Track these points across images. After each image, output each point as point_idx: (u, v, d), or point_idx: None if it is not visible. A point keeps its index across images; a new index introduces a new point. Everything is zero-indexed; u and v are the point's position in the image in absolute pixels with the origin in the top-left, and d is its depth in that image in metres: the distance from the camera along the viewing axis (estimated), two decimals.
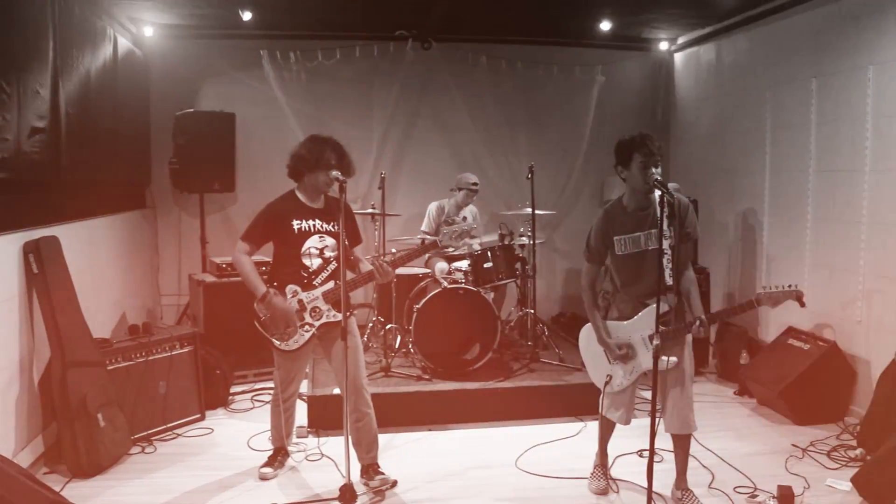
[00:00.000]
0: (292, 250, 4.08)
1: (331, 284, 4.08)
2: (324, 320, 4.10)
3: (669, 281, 3.67)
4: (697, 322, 3.64)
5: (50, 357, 4.39)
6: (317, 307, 4.09)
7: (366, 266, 4.17)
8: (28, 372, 4.33)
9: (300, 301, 4.07)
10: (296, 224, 4.08)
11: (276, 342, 4.08)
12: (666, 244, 3.58)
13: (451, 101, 7.61)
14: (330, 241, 4.12)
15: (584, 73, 7.75)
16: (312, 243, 4.09)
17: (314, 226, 4.12)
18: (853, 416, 5.14)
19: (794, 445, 4.75)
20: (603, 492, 4.14)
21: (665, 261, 3.59)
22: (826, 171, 5.53)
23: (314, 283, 4.09)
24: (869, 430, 4.60)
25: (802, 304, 3.67)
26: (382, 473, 4.17)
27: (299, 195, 4.17)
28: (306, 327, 4.08)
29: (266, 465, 4.38)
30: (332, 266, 4.10)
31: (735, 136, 6.81)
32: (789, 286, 3.64)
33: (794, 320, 5.72)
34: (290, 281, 4.08)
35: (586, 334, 4.09)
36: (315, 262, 4.09)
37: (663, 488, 4.05)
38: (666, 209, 3.44)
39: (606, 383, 3.96)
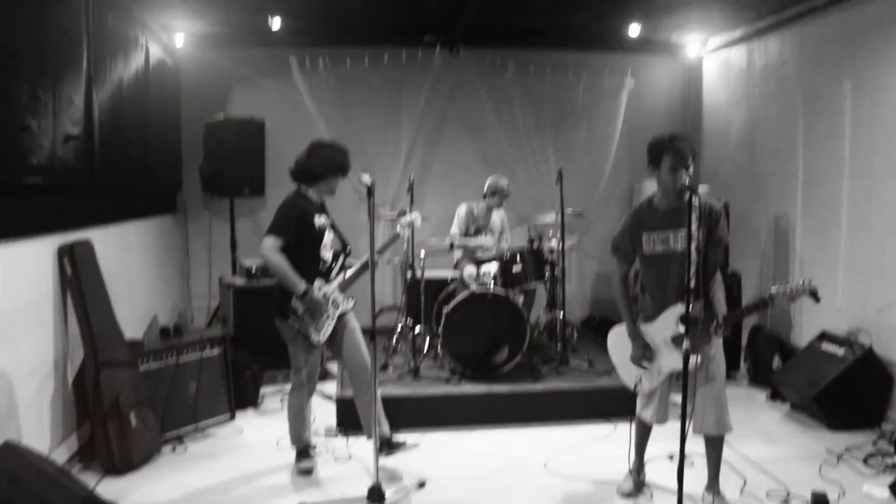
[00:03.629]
0: (314, 246, 4.27)
1: (340, 277, 4.37)
2: (340, 310, 4.33)
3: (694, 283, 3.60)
4: (715, 323, 3.60)
5: (83, 358, 4.45)
6: (335, 298, 4.31)
7: None
8: (62, 372, 4.41)
9: (324, 294, 4.25)
10: (316, 221, 4.27)
11: (313, 337, 4.22)
12: (694, 246, 3.53)
13: (479, 107, 7.61)
14: (331, 234, 4.36)
15: (613, 77, 7.71)
16: (328, 238, 4.32)
17: (324, 223, 4.33)
18: (890, 422, 5.04)
19: (828, 451, 4.67)
20: (631, 495, 4.10)
21: (692, 263, 3.53)
22: (861, 174, 5.44)
23: (330, 276, 4.34)
24: None
25: (817, 300, 3.56)
26: (402, 443, 4.44)
27: (309, 194, 4.35)
28: (331, 318, 4.28)
29: (302, 461, 4.43)
30: (341, 258, 4.40)
31: (767, 139, 6.73)
32: (803, 282, 3.55)
33: (828, 325, 5.63)
34: (315, 276, 4.24)
35: (615, 337, 4.07)
36: (330, 256, 4.34)
37: (694, 492, 3.99)
38: (696, 212, 3.40)
39: (636, 384, 3.94)
